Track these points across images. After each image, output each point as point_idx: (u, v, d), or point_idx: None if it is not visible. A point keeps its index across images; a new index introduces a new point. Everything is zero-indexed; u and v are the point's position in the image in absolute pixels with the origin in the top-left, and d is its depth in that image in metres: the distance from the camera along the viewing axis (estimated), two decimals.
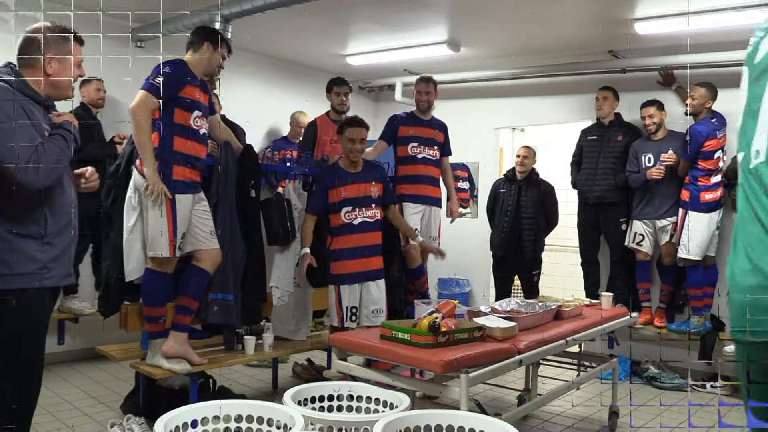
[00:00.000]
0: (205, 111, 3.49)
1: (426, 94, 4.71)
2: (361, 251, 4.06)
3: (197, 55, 3.45)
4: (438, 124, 4.82)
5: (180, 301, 3.42)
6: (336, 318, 4.02)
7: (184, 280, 3.43)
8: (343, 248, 4.02)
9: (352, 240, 4.03)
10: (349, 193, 4.03)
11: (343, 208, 4.01)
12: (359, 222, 4.05)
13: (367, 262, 4.07)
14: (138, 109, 3.18)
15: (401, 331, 2.81)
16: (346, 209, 4.02)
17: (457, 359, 2.57)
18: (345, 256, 4.02)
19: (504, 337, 2.95)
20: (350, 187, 4.04)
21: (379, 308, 4.11)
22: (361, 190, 4.08)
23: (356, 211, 4.04)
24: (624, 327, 4.09)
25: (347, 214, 4.02)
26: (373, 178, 4.15)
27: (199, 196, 3.44)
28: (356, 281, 4.04)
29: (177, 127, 3.31)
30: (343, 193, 4.02)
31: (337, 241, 4.03)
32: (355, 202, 4.04)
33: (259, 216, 3.92)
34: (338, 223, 4.02)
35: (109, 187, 3.51)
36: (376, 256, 4.13)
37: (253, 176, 3.82)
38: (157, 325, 3.41)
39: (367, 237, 4.08)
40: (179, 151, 3.30)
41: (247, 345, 3.82)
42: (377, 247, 4.15)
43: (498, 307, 3.50)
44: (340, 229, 4.02)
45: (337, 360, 3.01)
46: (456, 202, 4.94)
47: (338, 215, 4.01)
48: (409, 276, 4.55)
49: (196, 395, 3.47)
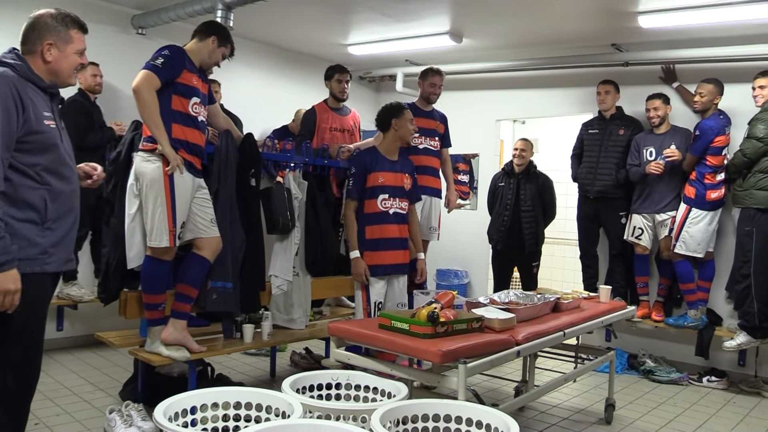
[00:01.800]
0: (204, 99, 3.48)
1: (439, 87, 4.70)
2: (396, 243, 4.01)
3: (200, 44, 3.45)
4: (439, 116, 4.83)
5: (179, 288, 3.43)
6: (362, 313, 3.95)
7: (183, 267, 3.43)
8: (380, 238, 3.95)
9: (388, 230, 3.97)
10: (387, 180, 3.98)
11: (380, 195, 3.95)
12: (393, 212, 4.00)
13: (397, 255, 4.04)
14: (142, 87, 3.15)
15: (400, 321, 2.82)
16: (383, 197, 3.96)
17: (455, 349, 2.58)
18: (382, 246, 3.95)
19: (502, 328, 2.96)
20: (389, 174, 3.99)
21: (403, 302, 4.09)
22: (398, 180, 4.04)
23: (392, 200, 3.99)
24: (622, 320, 4.10)
25: (384, 202, 3.97)
26: (407, 170, 4.13)
27: (199, 183, 3.44)
28: (387, 273, 4.00)
29: (175, 114, 3.30)
30: (381, 179, 3.96)
31: (373, 231, 3.95)
32: (391, 190, 3.99)
33: (259, 205, 3.92)
34: (374, 210, 3.95)
35: (109, 173, 3.50)
36: (406, 250, 4.10)
37: (254, 165, 3.82)
38: (157, 312, 3.42)
39: (402, 229, 4.05)
40: (178, 138, 3.29)
41: (245, 333, 3.82)
42: (407, 241, 4.11)
43: (497, 298, 3.52)
44: (375, 217, 3.95)
45: (336, 349, 3.02)
46: (454, 192, 4.93)
47: (374, 202, 3.95)
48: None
49: (195, 382, 3.48)
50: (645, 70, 5.46)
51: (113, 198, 3.52)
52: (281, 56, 6.48)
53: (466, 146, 6.50)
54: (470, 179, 6.70)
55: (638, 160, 5.05)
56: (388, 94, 7.09)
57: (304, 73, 6.60)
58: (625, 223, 5.19)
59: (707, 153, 4.75)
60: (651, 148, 5.00)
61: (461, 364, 2.57)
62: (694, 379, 4.97)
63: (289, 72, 6.55)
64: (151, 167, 3.23)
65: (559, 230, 6.80)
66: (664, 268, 5.17)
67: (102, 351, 4.96)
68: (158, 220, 3.24)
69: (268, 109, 6.15)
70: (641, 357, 5.17)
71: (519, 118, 7.38)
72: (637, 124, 5.27)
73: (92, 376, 4.40)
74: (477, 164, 6.63)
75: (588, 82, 5.65)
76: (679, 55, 5.17)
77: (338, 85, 4.78)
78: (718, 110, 4.84)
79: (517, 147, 5.46)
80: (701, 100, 4.83)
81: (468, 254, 6.59)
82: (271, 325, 3.95)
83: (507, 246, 5.43)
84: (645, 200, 5.05)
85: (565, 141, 6.33)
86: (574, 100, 5.94)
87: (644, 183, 5.02)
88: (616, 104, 5.30)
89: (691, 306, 4.96)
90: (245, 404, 2.25)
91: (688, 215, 4.83)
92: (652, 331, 5.33)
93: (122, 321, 3.69)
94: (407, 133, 4.04)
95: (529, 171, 5.42)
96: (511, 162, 5.52)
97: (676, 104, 5.18)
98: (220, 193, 3.65)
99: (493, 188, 5.64)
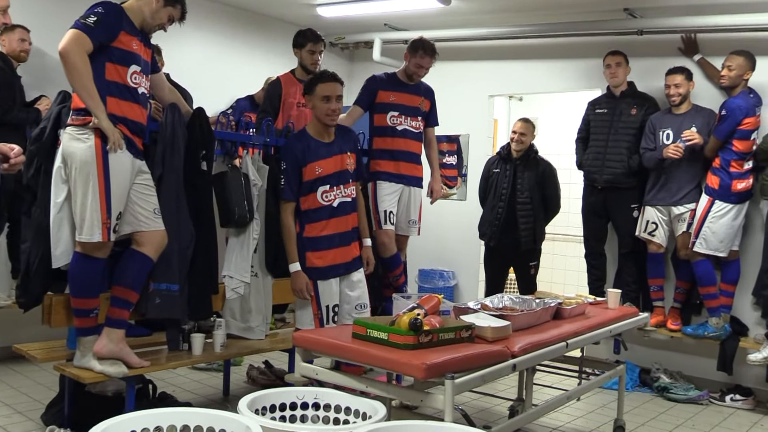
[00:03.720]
0: (146, 67, 3.44)
1: (425, 70, 4.62)
2: (342, 238, 4.00)
3: (141, 2, 3.40)
4: (424, 90, 4.80)
5: (116, 291, 3.39)
6: (312, 320, 3.95)
7: (121, 266, 3.40)
8: (321, 236, 3.95)
9: (331, 225, 3.96)
10: (326, 168, 3.93)
11: (320, 187, 3.93)
12: (338, 203, 3.98)
13: (348, 250, 4.04)
14: (71, 49, 3.09)
15: (377, 330, 2.82)
16: (323, 189, 3.93)
17: (441, 363, 2.59)
18: (324, 245, 3.95)
19: (495, 338, 2.98)
20: (327, 161, 3.94)
21: (363, 303, 4.09)
22: (338, 164, 3.99)
23: (334, 190, 3.96)
24: (633, 329, 4.15)
25: (325, 195, 3.94)
26: (348, 147, 4.08)
27: (139, 167, 3.40)
28: (337, 274, 4.00)
29: (110, 85, 3.25)
30: (318, 169, 3.91)
31: (313, 228, 3.95)
32: (332, 179, 3.95)
33: (211, 193, 3.90)
34: (314, 206, 3.93)
35: (31, 154, 3.45)
36: (355, 241, 4.11)
37: (205, 145, 3.79)
38: (88, 320, 3.38)
39: (348, 221, 4.04)
40: (113, 114, 3.25)
41: (194, 344, 3.80)
42: (356, 232, 4.12)
43: (489, 303, 3.53)
44: (316, 213, 3.94)
45: (302, 362, 3.02)
46: (439, 180, 4.90)
47: (313, 197, 3.92)
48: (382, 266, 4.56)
49: (133, 403, 3.46)
50: (662, 39, 5.51)
51: (35, 184, 3.46)
52: (238, 18, 6.43)
53: (453, 126, 6.50)
54: (458, 163, 6.71)
55: (653, 143, 5.09)
56: (363, 64, 7.08)
57: (264, 38, 6.56)
58: (637, 216, 5.24)
59: (734, 137, 4.80)
60: (668, 131, 5.04)
61: (448, 379, 2.57)
62: (716, 397, 5.04)
63: (248, 37, 6.51)
64: (81, 147, 3.19)
65: (562, 225, 6.85)
66: (681, 269, 5.22)
67: (21, 366, 4.89)
68: (90, 209, 3.20)
69: (223, 82, 6.10)
70: (655, 372, 5.24)
71: (515, 94, 7.42)
72: (651, 102, 5.32)
73: (9, 397, 4.34)
74: (466, 147, 6.65)
75: (595, 53, 5.68)
76: (702, 22, 5.21)
77: (310, 57, 4.73)
78: (747, 88, 4.89)
79: (515, 129, 5.48)
80: (729, 74, 4.87)
81: (455, 252, 6.61)
82: (224, 334, 3.93)
83: (501, 243, 5.46)
84: (660, 190, 5.10)
85: (569, 122, 6.38)
86: (580, 74, 5.98)
87: (660, 170, 5.07)
88: (627, 79, 5.34)
89: (712, 313, 5.03)
90: (194, 428, 2.22)
91: (710, 208, 4.88)
92: (668, 342, 5.40)
93: (46, 330, 3.64)
94: (320, 114, 3.90)
95: (528, 156, 5.45)
96: (507, 145, 5.55)
97: (698, 80, 5.21)
98: (165, 179, 3.61)
99: (486, 175, 5.66)
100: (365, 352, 2.76)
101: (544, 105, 7.87)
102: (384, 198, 4.56)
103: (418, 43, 4.61)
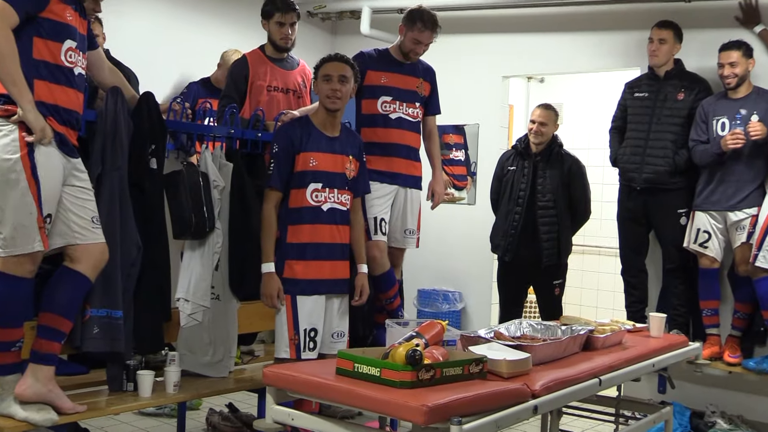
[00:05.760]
0: (82, 42, 3.44)
1: (424, 46, 4.67)
2: (329, 251, 4.05)
3: None
4: (423, 70, 4.82)
5: (44, 319, 3.37)
6: (287, 345, 3.97)
7: (50, 288, 3.38)
8: (307, 243, 4.00)
9: (320, 233, 4.02)
10: (321, 163, 4.01)
11: (312, 184, 3.99)
12: (329, 208, 4.04)
13: (336, 267, 4.08)
14: None
15: (367, 364, 2.83)
16: (314, 186, 4.00)
17: (445, 404, 2.59)
18: (309, 254, 4.00)
19: (512, 373, 2.99)
20: (324, 156, 4.02)
21: (340, 331, 4.13)
22: (336, 164, 4.07)
23: (326, 191, 4.03)
24: (681, 363, 4.16)
25: (315, 194, 4.00)
26: (352, 151, 4.16)
27: (74, 166, 3.40)
28: (318, 292, 4.04)
29: (39, 65, 3.25)
30: (313, 161, 3.99)
31: (297, 232, 4.00)
32: (326, 178, 4.03)
33: (162, 196, 3.90)
34: (301, 204, 3.99)
35: None
36: (345, 260, 4.14)
37: (154, 138, 3.80)
38: (9, 355, 3.35)
39: (338, 232, 4.08)
40: (43, 101, 3.24)
41: (141, 384, 3.77)
42: (347, 251, 4.16)
43: (504, 331, 3.54)
44: (302, 214, 4.00)
45: (274, 405, 3.02)
46: (441, 180, 4.93)
47: (302, 194, 3.99)
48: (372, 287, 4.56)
49: None
50: (716, 7, 5.52)
51: None
52: None
53: (460, 114, 6.53)
54: (466, 159, 6.73)
55: (706, 135, 5.10)
56: (349, 39, 7.11)
57: (226, 7, 6.57)
58: (685, 224, 5.25)
59: None
60: (723, 119, 5.05)
61: (455, 425, 2.57)
62: None
63: (206, 6, 6.51)
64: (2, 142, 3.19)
65: (592, 235, 6.88)
66: (740, 288, 5.21)
67: None
68: (22, 214, 3.17)
69: (177, 59, 6.10)
70: (709, 415, 5.25)
71: (535, 74, 7.45)
72: (703, 85, 5.33)
73: None
74: (475, 139, 6.66)
75: (634, 26, 5.72)
76: None
77: (279, 30, 4.69)
78: None
79: (534, 118, 5.50)
80: None
81: (463, 268, 6.63)
82: (178, 371, 3.92)
83: (518, 257, 5.48)
84: (714, 192, 5.10)
85: (600, 108, 6.40)
86: (614, 51, 6.00)
87: (714, 168, 5.07)
88: (674, 57, 5.36)
89: None
90: None
91: None
92: (725, 379, 5.40)
93: None
94: (322, 97, 4.05)
95: (551, 151, 5.48)
96: (525, 137, 5.57)
97: (760, 57, 5.23)
98: (106, 180, 3.62)
99: (500, 174, 5.69)
100: (352, 392, 2.76)
101: (569, 88, 7.89)
102: (374, 202, 4.55)
103: (415, 13, 4.63)
